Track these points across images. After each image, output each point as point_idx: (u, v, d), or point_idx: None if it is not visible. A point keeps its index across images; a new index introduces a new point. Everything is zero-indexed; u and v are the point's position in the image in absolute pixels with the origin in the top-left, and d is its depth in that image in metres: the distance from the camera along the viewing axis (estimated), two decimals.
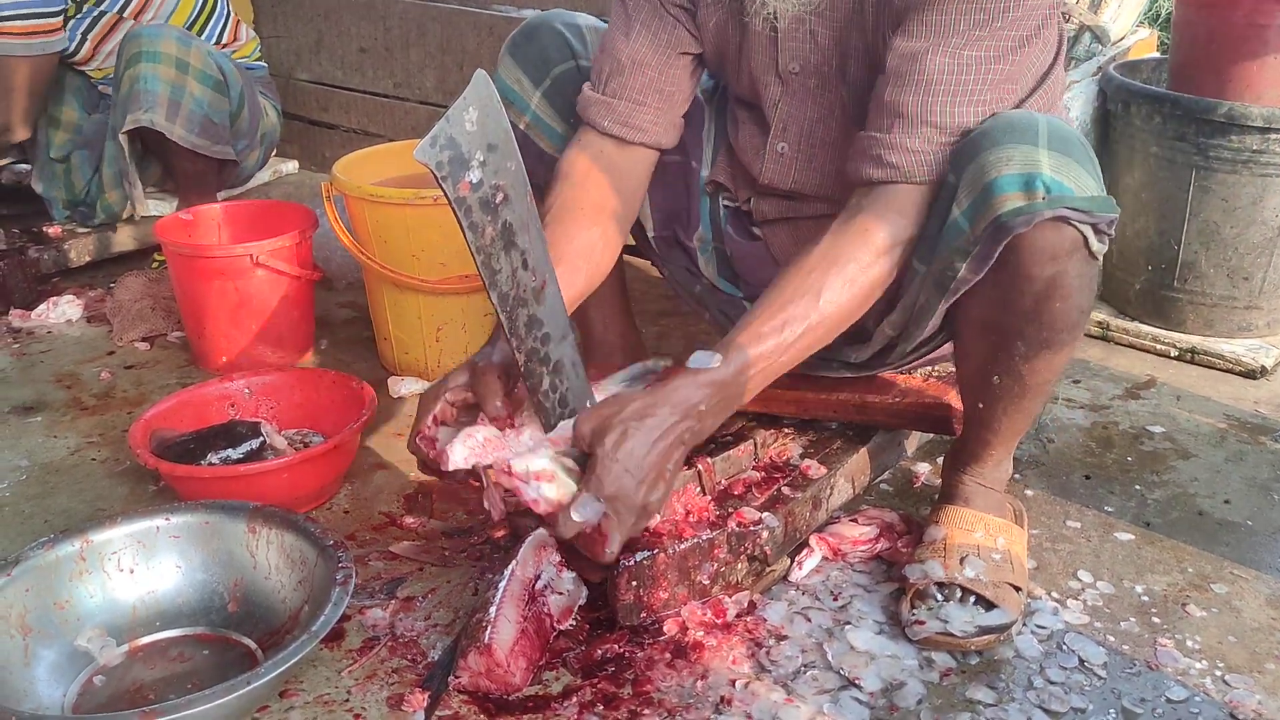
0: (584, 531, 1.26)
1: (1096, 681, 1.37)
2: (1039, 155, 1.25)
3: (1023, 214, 1.24)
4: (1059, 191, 1.24)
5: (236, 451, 1.72)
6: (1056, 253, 1.27)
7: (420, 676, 1.38)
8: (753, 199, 1.66)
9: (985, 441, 1.54)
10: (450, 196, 1.11)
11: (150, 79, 2.43)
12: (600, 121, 1.56)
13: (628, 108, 1.56)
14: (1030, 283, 1.30)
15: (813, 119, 1.54)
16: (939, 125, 1.33)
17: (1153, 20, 3.70)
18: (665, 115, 1.59)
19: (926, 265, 1.37)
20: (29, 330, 2.46)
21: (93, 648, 1.41)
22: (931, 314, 1.40)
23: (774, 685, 1.35)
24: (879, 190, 1.37)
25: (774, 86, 1.54)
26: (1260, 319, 2.27)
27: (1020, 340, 1.36)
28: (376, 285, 2.17)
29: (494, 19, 2.98)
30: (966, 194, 1.29)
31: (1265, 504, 1.76)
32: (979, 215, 1.28)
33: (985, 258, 1.29)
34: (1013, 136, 1.27)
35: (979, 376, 1.45)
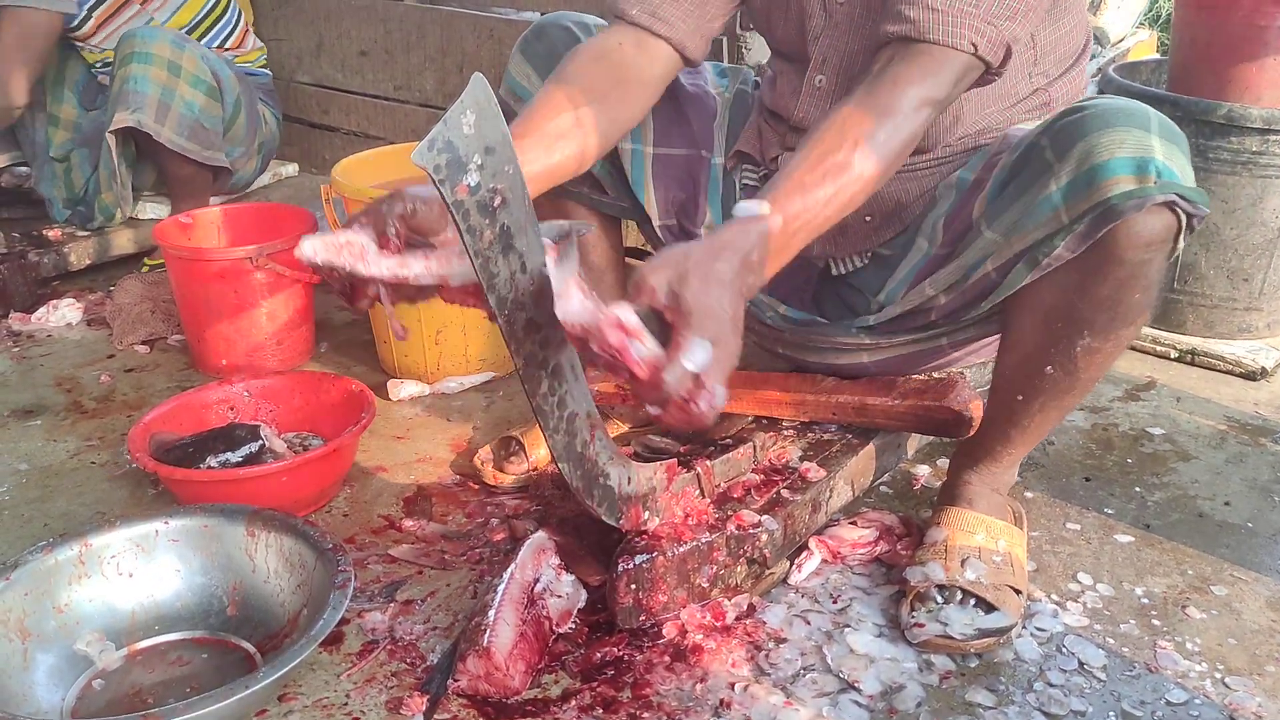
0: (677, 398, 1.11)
1: (1096, 684, 1.37)
2: (1151, 140, 1.25)
3: (1134, 197, 1.24)
4: (1169, 178, 1.24)
5: (235, 455, 1.71)
6: (1153, 239, 1.27)
7: (419, 680, 1.38)
8: (780, 156, 1.66)
9: (1008, 439, 1.53)
10: (448, 200, 1.11)
11: (140, 79, 2.44)
12: (628, 10, 1.51)
13: None
14: (1118, 268, 1.29)
15: (853, 50, 1.55)
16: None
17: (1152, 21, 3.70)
18: (695, 17, 1.53)
19: (1001, 234, 1.37)
20: (29, 334, 2.46)
21: (92, 651, 1.41)
22: (1008, 289, 1.39)
23: (773, 688, 1.35)
24: (903, 48, 1.33)
25: (818, 18, 1.56)
26: (1260, 320, 2.27)
27: (1088, 330, 1.36)
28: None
29: (494, 21, 2.98)
30: (1068, 171, 1.28)
31: (1265, 506, 1.76)
32: (1081, 195, 1.27)
33: (1085, 237, 1.29)
34: (1125, 120, 1.27)
35: (1028, 366, 1.44)
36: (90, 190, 2.72)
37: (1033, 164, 1.34)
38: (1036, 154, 1.33)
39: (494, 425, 2.03)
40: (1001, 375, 1.51)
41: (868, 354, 1.65)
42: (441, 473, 1.87)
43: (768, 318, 1.68)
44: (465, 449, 1.94)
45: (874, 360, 1.66)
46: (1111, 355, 1.39)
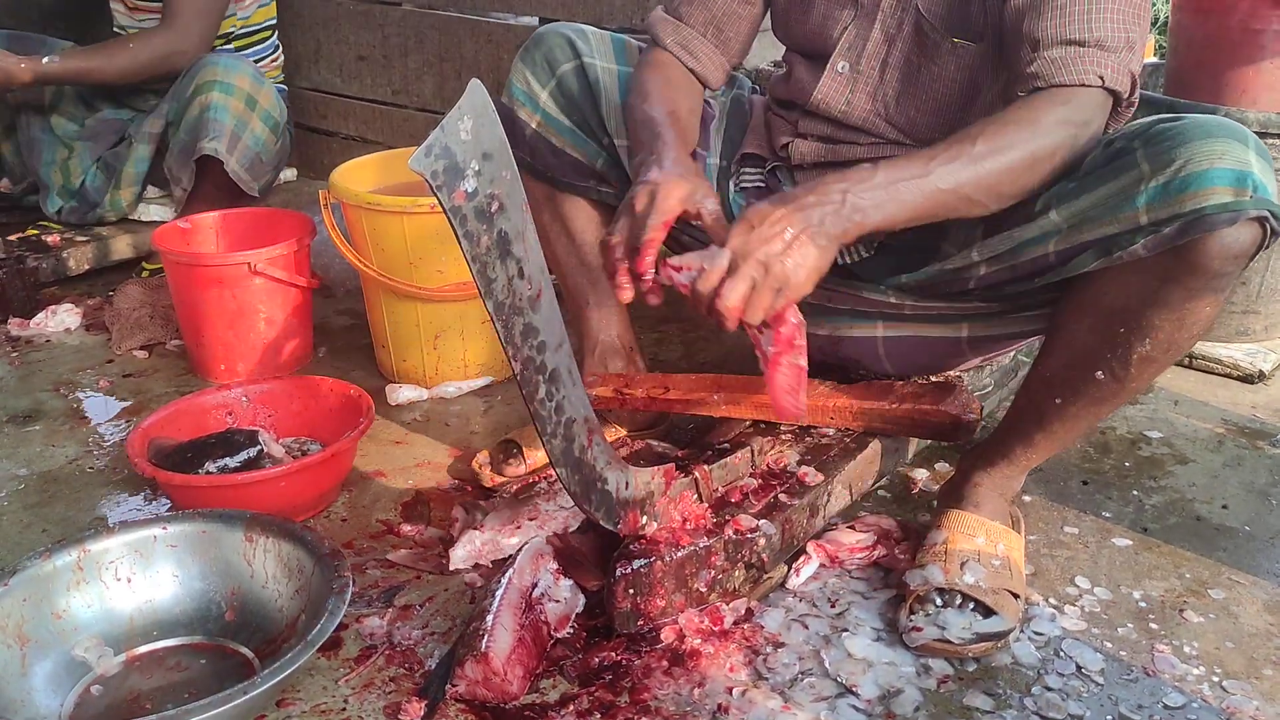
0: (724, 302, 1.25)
1: (1094, 688, 1.37)
2: (1249, 156, 1.26)
3: (1229, 210, 1.24)
4: (1264, 193, 1.25)
5: (234, 460, 1.72)
6: (1239, 252, 1.27)
7: (417, 685, 1.38)
8: (790, 143, 1.68)
9: (1030, 443, 1.53)
10: (445, 206, 1.11)
11: (221, 109, 2.50)
12: (665, 38, 1.69)
13: (690, 34, 1.69)
14: (1196, 277, 1.29)
15: (878, 39, 1.58)
16: (1076, 40, 1.36)
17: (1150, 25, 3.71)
18: (719, 55, 1.71)
19: (1065, 219, 1.37)
20: (27, 339, 2.46)
21: (90, 657, 1.41)
22: (1073, 271, 1.38)
23: (771, 693, 1.35)
24: (1030, 96, 1.39)
25: (847, 11, 1.60)
26: (1258, 324, 2.27)
27: (1150, 337, 1.35)
28: (374, 293, 2.17)
29: (492, 26, 2.98)
30: (1160, 174, 1.28)
31: (1263, 509, 1.76)
32: (1171, 199, 1.27)
33: (1169, 241, 1.28)
34: (1226, 132, 1.28)
35: (1077, 369, 1.43)
36: (89, 183, 2.72)
37: (1120, 161, 1.33)
38: (1125, 154, 1.33)
39: (492, 430, 2.03)
40: (1040, 376, 1.49)
41: (884, 324, 1.64)
42: (440, 477, 1.88)
43: None
44: (463, 453, 1.94)
45: (888, 335, 1.64)
46: (1163, 366, 1.39)
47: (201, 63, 2.56)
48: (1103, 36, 1.36)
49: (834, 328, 1.67)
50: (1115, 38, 1.36)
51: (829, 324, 1.67)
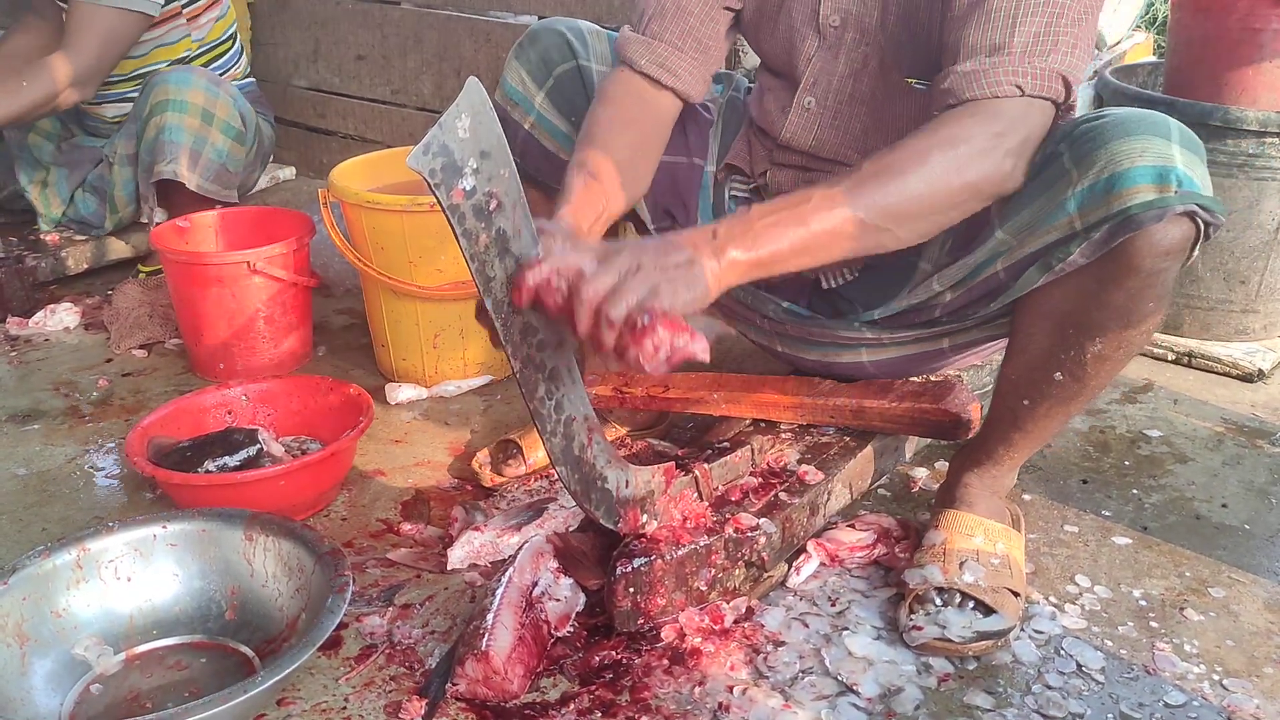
0: None
1: (1094, 686, 1.37)
2: (1172, 150, 1.25)
3: (1154, 207, 1.23)
4: (1190, 187, 1.24)
5: (233, 459, 1.72)
6: (1171, 248, 1.27)
7: (418, 684, 1.38)
8: (768, 171, 1.67)
9: (1010, 442, 1.53)
10: (444, 204, 1.11)
11: (175, 129, 2.43)
12: (638, 60, 1.58)
13: (666, 50, 1.58)
14: (1133, 276, 1.29)
15: (843, 74, 1.55)
16: (995, 46, 1.31)
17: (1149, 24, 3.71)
18: (699, 66, 1.61)
19: (1012, 235, 1.37)
20: (26, 338, 2.46)
21: (90, 656, 1.41)
22: (1018, 291, 1.39)
23: (772, 691, 1.35)
24: (952, 112, 1.33)
25: (811, 40, 1.56)
26: (1257, 322, 2.27)
27: (1099, 336, 1.35)
28: (374, 292, 2.17)
29: (490, 25, 2.98)
30: (1086, 178, 1.28)
31: (1263, 507, 1.76)
32: (1098, 203, 1.27)
33: (1102, 245, 1.28)
34: (1146, 128, 1.26)
35: (1037, 371, 1.43)
36: (84, 210, 2.72)
37: (1049, 168, 1.33)
38: (1054, 159, 1.33)
39: (492, 428, 2.03)
40: (1007, 379, 1.50)
41: (868, 351, 1.65)
42: (439, 476, 1.87)
43: (769, 311, 1.68)
44: (463, 452, 1.94)
45: (873, 360, 1.66)
46: (1121, 362, 1.39)
47: (154, 81, 2.49)
48: (1025, 41, 1.29)
49: (822, 354, 1.69)
50: (1041, 40, 1.29)
51: (816, 352, 1.69)
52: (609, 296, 1.11)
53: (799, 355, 1.72)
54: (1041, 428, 1.50)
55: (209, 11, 2.72)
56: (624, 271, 1.12)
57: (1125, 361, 1.40)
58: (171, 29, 2.64)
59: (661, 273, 1.14)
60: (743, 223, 1.22)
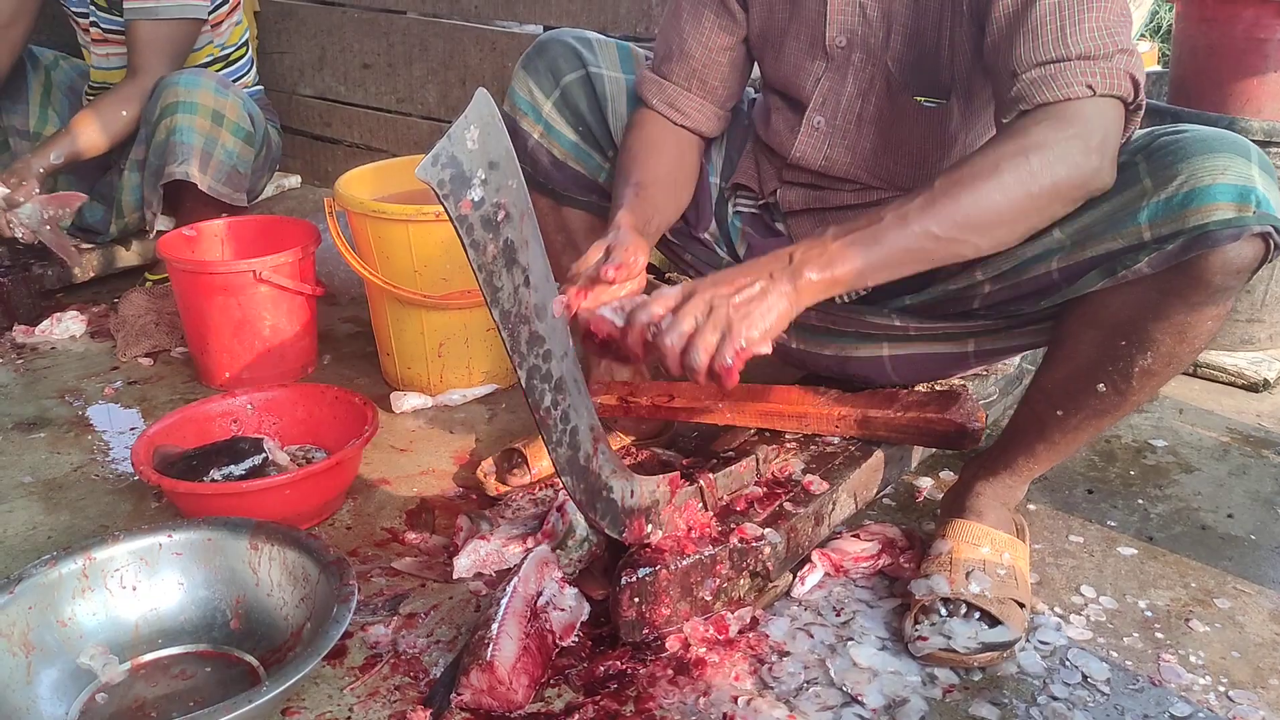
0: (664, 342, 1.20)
1: (1100, 697, 1.37)
2: (1252, 170, 1.25)
3: (1232, 225, 1.23)
4: (1267, 208, 1.24)
5: (239, 468, 1.72)
6: (1241, 266, 1.26)
7: (422, 694, 1.38)
8: (779, 189, 1.67)
9: (1032, 453, 1.52)
10: (452, 215, 1.11)
11: (186, 131, 2.47)
12: (651, 99, 1.65)
13: (675, 91, 1.65)
14: (1199, 292, 1.28)
15: (851, 94, 1.56)
16: (1050, 58, 1.29)
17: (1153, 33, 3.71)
18: (708, 104, 1.66)
19: (1070, 236, 1.35)
20: (32, 346, 2.47)
21: (95, 665, 1.41)
22: (1078, 291, 1.37)
23: (776, 702, 1.35)
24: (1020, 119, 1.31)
25: (818, 62, 1.57)
26: (1262, 332, 2.27)
27: (1152, 351, 1.35)
28: (379, 301, 2.18)
29: (496, 34, 2.99)
30: (1163, 189, 1.27)
31: (1269, 518, 1.76)
32: (1174, 215, 1.26)
33: (1172, 258, 1.27)
34: (1228, 147, 1.26)
35: (1078, 381, 1.42)
36: (90, 217, 2.73)
37: (1122, 176, 1.31)
38: (1127, 169, 1.31)
39: (497, 437, 2.03)
40: (1042, 388, 1.48)
41: (890, 345, 1.63)
42: (444, 485, 1.88)
43: None
44: (468, 461, 1.94)
45: (894, 355, 1.64)
46: (1165, 379, 1.39)
47: (163, 84, 2.52)
48: (1085, 49, 1.29)
49: (840, 348, 1.67)
50: (1099, 46, 1.29)
51: (835, 344, 1.67)
52: (688, 347, 1.19)
53: (815, 351, 1.69)
54: (1069, 440, 1.49)
55: (229, 17, 2.75)
56: (700, 315, 1.20)
57: (1169, 378, 1.39)
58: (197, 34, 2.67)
59: (735, 310, 1.20)
60: (819, 245, 1.26)
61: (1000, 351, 1.59)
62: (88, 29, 2.73)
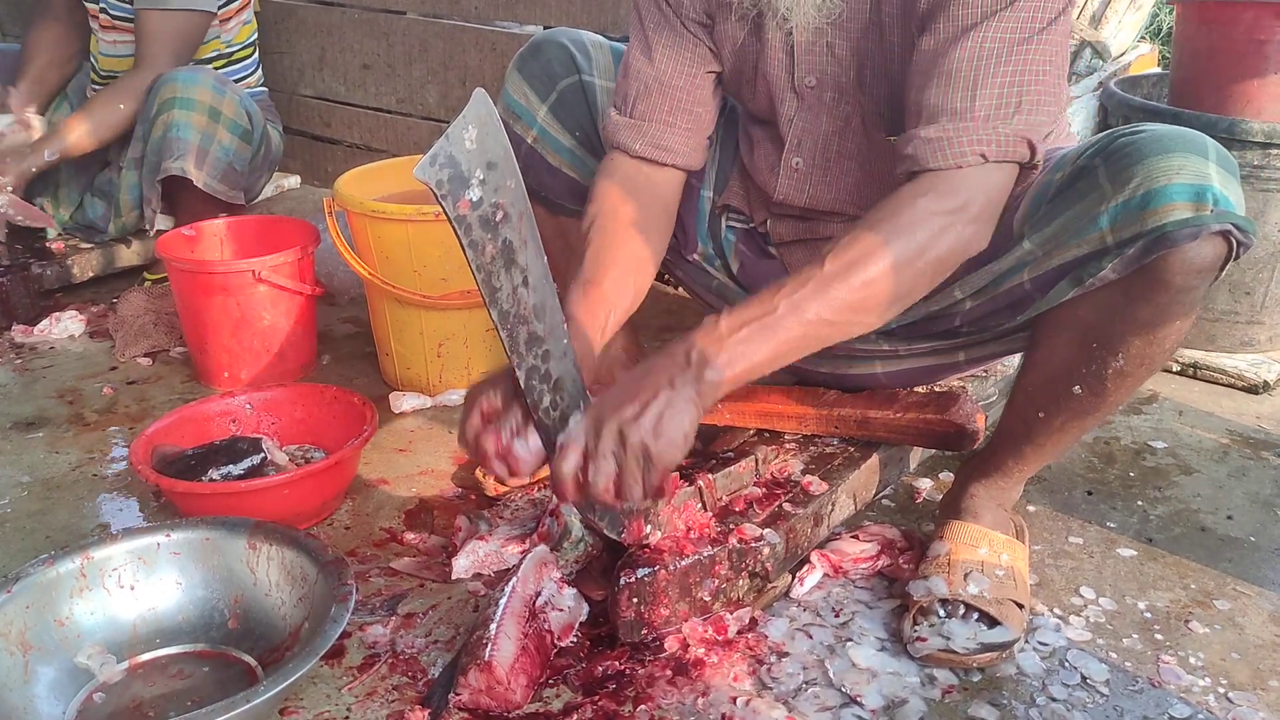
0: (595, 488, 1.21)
1: (1099, 699, 1.37)
2: (1209, 168, 1.25)
3: (1190, 225, 1.23)
4: (1225, 206, 1.24)
5: (237, 468, 1.72)
6: (1204, 266, 1.26)
7: (421, 694, 1.38)
8: (769, 220, 1.65)
9: (1021, 455, 1.53)
10: (450, 215, 1.11)
11: (183, 126, 2.48)
12: (631, 145, 1.55)
13: (657, 129, 1.55)
14: (1163, 292, 1.28)
15: (828, 132, 1.54)
16: (956, 111, 1.29)
17: (1153, 35, 3.71)
18: (694, 136, 1.58)
19: (1039, 246, 1.36)
20: (31, 346, 2.47)
21: (93, 664, 1.41)
22: (1049, 304, 1.37)
23: (775, 702, 1.35)
24: (913, 181, 1.33)
25: (789, 101, 1.54)
26: (1262, 334, 2.27)
27: (1123, 352, 1.35)
28: (378, 301, 2.18)
29: (496, 35, 2.99)
30: (1121, 194, 1.27)
31: (1268, 520, 1.75)
32: (1133, 218, 1.26)
33: (1134, 261, 1.28)
34: (1184, 146, 1.26)
35: (1056, 384, 1.43)
36: (91, 213, 2.73)
37: (1083, 182, 1.32)
38: (1088, 174, 1.32)
39: None
40: (1024, 391, 1.49)
41: (882, 363, 1.64)
42: (443, 485, 1.87)
43: None
44: (467, 462, 1.94)
45: (887, 371, 1.65)
46: (1142, 379, 1.39)
47: (161, 80, 2.53)
48: (988, 106, 1.28)
49: (834, 366, 1.67)
50: (1003, 103, 1.28)
51: (828, 364, 1.67)
52: (618, 489, 1.20)
53: (810, 368, 1.70)
54: (1054, 441, 1.49)
55: (238, 15, 2.76)
56: (615, 450, 1.19)
57: (1145, 378, 1.39)
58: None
59: (647, 434, 1.19)
60: (715, 342, 1.24)
61: (991, 355, 1.59)
62: (97, 15, 2.73)
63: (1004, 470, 1.56)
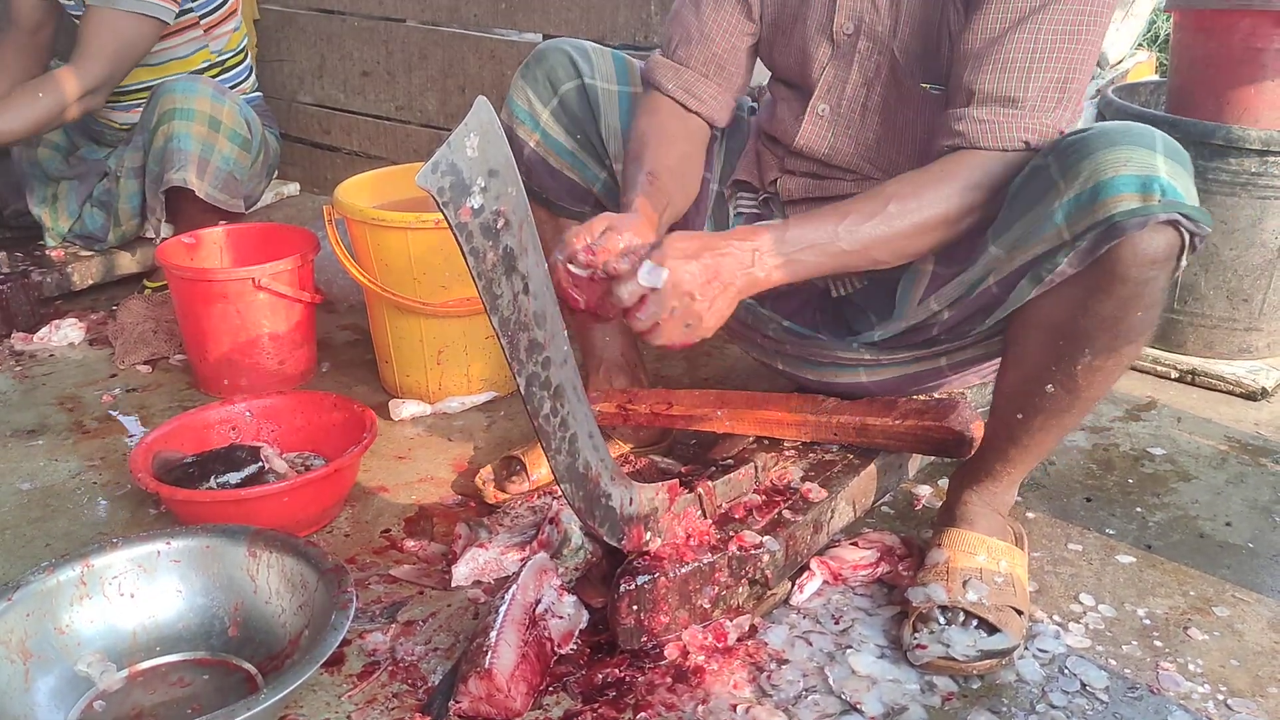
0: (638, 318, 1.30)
1: (1099, 705, 1.37)
2: (1156, 160, 1.27)
3: (1137, 215, 1.25)
4: (1173, 196, 1.25)
5: (237, 475, 1.72)
6: (1157, 257, 1.28)
7: (421, 701, 1.38)
8: (779, 178, 1.68)
9: (1007, 458, 1.53)
10: (452, 222, 1.11)
11: (184, 137, 2.47)
12: (666, 84, 1.66)
13: (692, 76, 1.66)
14: (1122, 285, 1.30)
15: (857, 82, 1.58)
16: (1009, 98, 1.38)
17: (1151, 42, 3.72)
18: (724, 93, 1.68)
19: (1005, 249, 1.38)
20: (31, 353, 2.46)
21: (93, 672, 1.41)
22: (1014, 304, 1.40)
23: (775, 710, 1.35)
24: (951, 155, 1.42)
25: (824, 48, 1.59)
26: (1260, 341, 2.27)
27: (1089, 348, 1.36)
28: (378, 308, 2.18)
29: (495, 43, 3.00)
30: (1072, 189, 1.30)
31: (1267, 526, 1.76)
32: (1084, 212, 1.29)
33: (1088, 254, 1.30)
34: (1130, 139, 1.29)
35: (1030, 384, 1.44)
36: (90, 224, 2.72)
37: (1038, 181, 1.35)
38: (1042, 172, 1.34)
39: (495, 445, 2.03)
40: (1002, 393, 1.51)
41: (866, 371, 1.65)
42: (443, 493, 1.88)
43: (770, 330, 1.69)
44: (467, 469, 1.94)
45: (873, 380, 1.66)
46: (1113, 374, 1.40)
47: (160, 90, 2.52)
48: (1037, 96, 1.38)
49: (820, 374, 1.70)
50: (1050, 96, 1.38)
51: (816, 372, 1.71)
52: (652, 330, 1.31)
53: (799, 374, 1.73)
54: (1037, 442, 1.50)
55: (226, 23, 2.75)
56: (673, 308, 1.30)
57: (1117, 374, 1.40)
58: (188, 40, 2.67)
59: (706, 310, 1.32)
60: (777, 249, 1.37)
61: (973, 360, 1.60)
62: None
63: (993, 475, 1.56)
